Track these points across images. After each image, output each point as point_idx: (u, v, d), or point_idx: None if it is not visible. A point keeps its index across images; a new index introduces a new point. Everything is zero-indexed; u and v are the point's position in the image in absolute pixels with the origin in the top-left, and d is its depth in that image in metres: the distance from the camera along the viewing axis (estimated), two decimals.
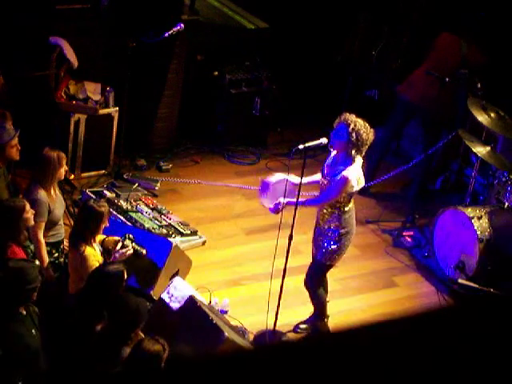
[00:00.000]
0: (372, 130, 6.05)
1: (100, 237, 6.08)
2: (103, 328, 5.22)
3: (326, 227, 6.20)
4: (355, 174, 6.02)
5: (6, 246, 5.68)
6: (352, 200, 6.19)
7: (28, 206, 5.86)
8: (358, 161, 6.06)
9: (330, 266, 6.37)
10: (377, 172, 8.76)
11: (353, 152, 5.99)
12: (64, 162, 6.31)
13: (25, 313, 5.09)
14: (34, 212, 5.90)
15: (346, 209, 6.16)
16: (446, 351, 1.83)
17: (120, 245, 6.08)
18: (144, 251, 6.22)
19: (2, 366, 4.92)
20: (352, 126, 5.97)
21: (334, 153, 6.23)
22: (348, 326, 1.87)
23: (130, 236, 6.16)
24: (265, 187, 6.35)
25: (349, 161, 6.03)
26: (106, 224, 5.96)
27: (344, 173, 5.99)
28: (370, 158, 8.16)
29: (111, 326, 5.16)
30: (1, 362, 4.91)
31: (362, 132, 5.96)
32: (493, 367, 1.84)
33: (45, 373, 5.05)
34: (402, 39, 9.83)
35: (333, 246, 6.20)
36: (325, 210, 6.19)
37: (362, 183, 6.15)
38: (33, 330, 5.08)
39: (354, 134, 5.95)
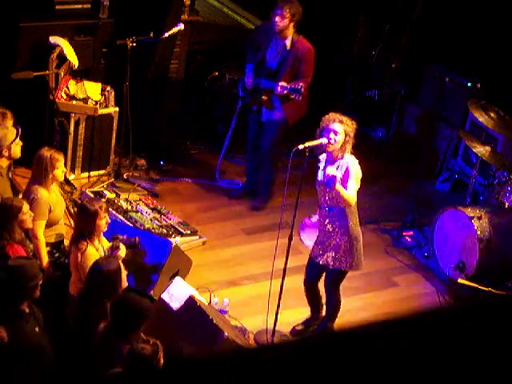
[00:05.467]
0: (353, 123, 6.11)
1: (106, 243, 6.05)
2: (106, 326, 5.23)
3: (338, 230, 6.18)
4: (356, 163, 6.06)
5: (3, 244, 5.70)
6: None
7: (26, 208, 5.86)
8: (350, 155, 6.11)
9: (346, 272, 6.37)
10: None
11: (347, 147, 6.03)
12: (58, 163, 6.28)
13: (28, 311, 5.11)
14: (32, 214, 5.91)
15: (353, 209, 6.17)
16: (446, 351, 1.83)
17: (111, 249, 6.05)
18: (137, 238, 6.19)
19: (6, 363, 4.93)
20: (345, 122, 6.01)
21: (323, 157, 6.23)
22: (348, 326, 1.87)
23: (119, 236, 6.11)
24: (304, 226, 6.39)
25: (343, 156, 6.06)
26: (105, 220, 5.91)
27: (349, 161, 6.03)
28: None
29: (114, 324, 5.16)
30: (5, 360, 4.93)
31: (354, 126, 6.01)
32: (493, 367, 1.84)
33: (49, 370, 5.07)
34: (402, 39, 9.84)
35: (352, 252, 6.19)
36: (335, 211, 6.15)
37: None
38: (36, 328, 5.10)
39: (349, 130, 5.98)
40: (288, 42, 7.72)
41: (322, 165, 6.25)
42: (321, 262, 6.30)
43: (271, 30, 7.73)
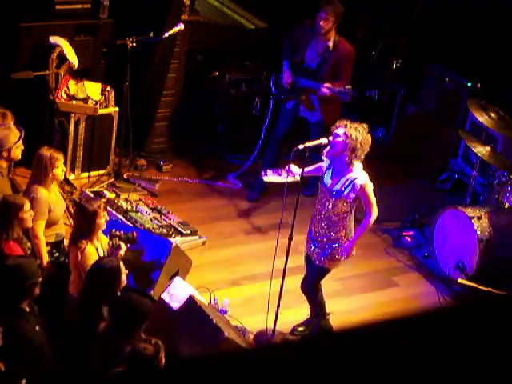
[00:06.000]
0: (368, 133, 6.04)
1: (104, 240, 6.05)
2: (106, 326, 5.22)
3: (333, 236, 6.18)
4: (366, 174, 6.06)
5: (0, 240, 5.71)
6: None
7: (28, 207, 5.86)
8: (358, 164, 6.06)
9: (330, 270, 6.39)
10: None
11: (351, 157, 5.99)
12: (58, 163, 6.27)
13: (28, 310, 5.11)
14: (32, 213, 5.90)
15: (352, 216, 6.18)
16: (445, 351, 1.83)
17: (111, 248, 6.03)
18: (134, 232, 6.18)
19: (6, 362, 4.93)
20: (349, 125, 5.97)
21: (326, 162, 6.20)
22: (348, 326, 1.87)
23: (117, 233, 6.10)
24: (278, 172, 6.38)
25: (351, 167, 6.03)
26: (104, 218, 5.90)
27: (360, 182, 6.00)
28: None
29: (114, 324, 5.16)
30: (5, 359, 4.93)
31: (359, 135, 5.94)
32: (493, 366, 1.84)
33: (49, 370, 5.07)
34: (402, 39, 9.84)
35: (338, 253, 6.19)
36: (335, 218, 6.15)
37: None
38: (36, 327, 5.10)
39: (351, 132, 5.94)
40: (331, 44, 7.82)
41: (326, 170, 6.20)
42: (309, 254, 6.36)
43: (311, 31, 7.79)
